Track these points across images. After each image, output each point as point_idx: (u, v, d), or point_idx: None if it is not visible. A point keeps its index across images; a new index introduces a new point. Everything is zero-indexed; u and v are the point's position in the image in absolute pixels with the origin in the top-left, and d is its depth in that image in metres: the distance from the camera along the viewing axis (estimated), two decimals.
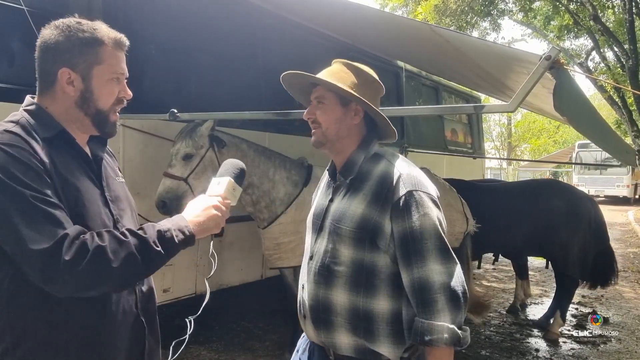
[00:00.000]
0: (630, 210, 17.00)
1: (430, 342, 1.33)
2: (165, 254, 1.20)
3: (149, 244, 1.17)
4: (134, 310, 1.35)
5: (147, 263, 1.18)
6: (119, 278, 1.16)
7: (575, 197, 4.70)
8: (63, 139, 1.28)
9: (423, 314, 1.35)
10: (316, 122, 1.54)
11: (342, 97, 1.51)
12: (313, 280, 1.51)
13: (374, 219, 1.42)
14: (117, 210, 1.34)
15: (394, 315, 1.42)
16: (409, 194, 1.40)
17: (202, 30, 3.88)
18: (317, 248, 1.54)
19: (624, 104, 12.95)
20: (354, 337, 1.43)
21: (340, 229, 1.46)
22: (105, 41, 1.29)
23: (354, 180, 1.51)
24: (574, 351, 4.36)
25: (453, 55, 3.43)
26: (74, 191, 1.23)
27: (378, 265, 1.42)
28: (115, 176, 1.44)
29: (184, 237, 1.23)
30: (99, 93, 1.29)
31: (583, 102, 2.06)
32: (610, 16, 14.56)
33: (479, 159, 9.09)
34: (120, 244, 1.14)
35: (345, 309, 1.43)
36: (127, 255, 1.14)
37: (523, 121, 33.08)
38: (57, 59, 1.26)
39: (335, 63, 1.60)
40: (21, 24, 2.64)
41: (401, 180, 1.43)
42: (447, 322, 1.33)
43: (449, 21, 13.07)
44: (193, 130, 3.17)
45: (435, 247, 1.39)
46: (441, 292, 1.34)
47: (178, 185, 3.07)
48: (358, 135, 1.57)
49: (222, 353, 3.99)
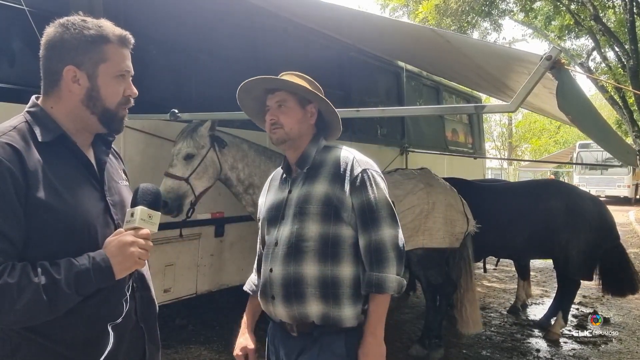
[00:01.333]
0: (631, 210, 16.98)
1: (385, 290, 1.60)
2: (78, 295, 1.16)
3: (59, 286, 1.12)
4: (133, 316, 1.34)
5: (54, 305, 1.13)
6: (20, 318, 1.12)
7: (575, 197, 4.63)
8: (63, 143, 1.26)
9: (377, 268, 1.61)
10: (278, 124, 1.72)
11: (301, 99, 1.73)
12: (282, 262, 1.66)
13: (337, 195, 1.65)
14: (118, 214, 1.32)
15: (355, 278, 1.65)
16: (364, 172, 1.66)
17: (203, 30, 3.89)
18: (281, 234, 1.70)
19: (625, 104, 12.94)
20: (324, 304, 1.62)
21: (307, 209, 1.65)
22: (110, 38, 1.28)
23: (310, 169, 1.73)
24: (575, 351, 4.36)
25: (454, 55, 3.43)
26: (70, 198, 1.21)
27: (342, 236, 1.65)
28: (119, 180, 1.42)
29: (103, 278, 1.18)
30: (105, 91, 1.28)
31: (584, 102, 2.07)
32: (611, 16, 14.54)
33: (480, 159, 9.09)
34: (29, 283, 1.09)
35: (316, 278, 1.62)
36: (32, 298, 1.09)
37: (524, 121, 33.08)
38: (63, 57, 1.25)
39: (285, 75, 1.79)
40: (22, 24, 2.64)
41: (355, 161, 1.69)
42: (395, 273, 1.62)
43: (450, 21, 13.06)
44: (194, 130, 3.17)
45: (387, 215, 1.65)
46: (392, 250, 1.63)
47: (179, 185, 3.07)
48: (312, 132, 1.79)
49: (222, 353, 3.99)
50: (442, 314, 4.10)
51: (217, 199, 3.72)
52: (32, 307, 1.10)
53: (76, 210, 1.22)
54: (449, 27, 12.73)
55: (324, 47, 4.87)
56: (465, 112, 8.56)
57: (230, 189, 3.45)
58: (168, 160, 3.20)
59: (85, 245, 1.21)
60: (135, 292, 1.36)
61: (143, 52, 3.37)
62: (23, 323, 1.15)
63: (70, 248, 1.18)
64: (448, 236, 3.83)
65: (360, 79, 5.56)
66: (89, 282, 1.16)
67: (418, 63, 5.96)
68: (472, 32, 14.33)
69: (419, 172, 4.09)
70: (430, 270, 3.96)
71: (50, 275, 1.12)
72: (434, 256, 3.88)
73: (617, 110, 13.37)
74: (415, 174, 4.04)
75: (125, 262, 1.20)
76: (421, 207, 3.76)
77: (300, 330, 1.66)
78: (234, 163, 3.35)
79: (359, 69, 5.49)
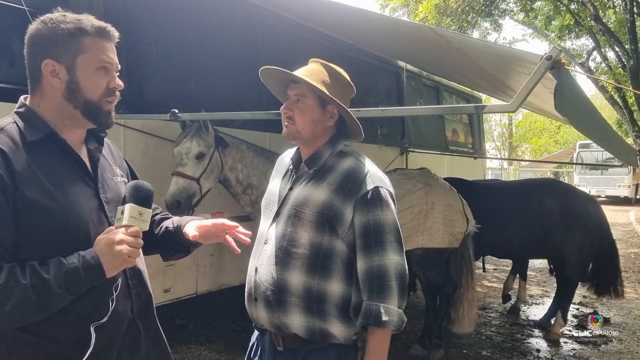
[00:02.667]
0: (631, 210, 16.97)
1: (384, 323, 1.43)
2: (69, 294, 1.15)
3: (48, 286, 1.11)
4: (129, 314, 1.33)
5: (44, 306, 1.13)
6: (10, 319, 1.12)
7: (571, 196, 4.61)
8: (52, 141, 1.26)
9: (377, 298, 1.46)
10: (291, 119, 1.60)
11: (322, 98, 1.58)
12: (268, 263, 1.56)
13: (336, 206, 1.51)
14: (112, 211, 1.31)
15: (344, 299, 1.52)
16: (375, 190, 1.52)
17: (203, 30, 3.89)
18: (272, 232, 1.60)
19: (625, 104, 12.93)
20: (307, 317, 1.50)
21: (302, 213, 1.54)
22: (88, 30, 1.26)
23: (317, 171, 1.60)
24: (575, 351, 4.36)
25: (454, 55, 3.43)
26: (61, 197, 1.21)
27: (335, 249, 1.52)
28: (113, 176, 1.41)
29: (93, 277, 1.17)
30: (85, 83, 1.26)
31: (584, 102, 2.06)
32: (611, 16, 14.53)
33: (480, 159, 9.08)
34: (16, 285, 1.09)
35: (300, 289, 1.50)
36: (21, 299, 1.09)
37: (524, 121, 33.06)
38: (41, 52, 1.24)
39: (314, 62, 1.66)
40: (22, 24, 2.64)
41: (369, 176, 1.55)
42: (397, 305, 1.46)
43: (450, 21, 13.05)
44: (201, 130, 3.15)
45: (395, 240, 1.51)
46: (395, 279, 1.47)
47: (190, 185, 3.05)
48: (329, 134, 1.66)
49: (222, 353, 3.99)
50: (442, 314, 4.09)
51: (217, 199, 3.72)
52: (21, 308, 1.10)
53: (69, 209, 1.22)
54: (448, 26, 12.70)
55: (324, 47, 4.87)
56: (465, 112, 8.56)
57: (229, 189, 3.45)
58: (168, 160, 3.20)
59: (78, 244, 1.20)
60: (132, 290, 1.35)
61: (143, 52, 3.37)
62: (14, 324, 1.15)
63: (64, 247, 1.18)
64: (447, 236, 3.83)
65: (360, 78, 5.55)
66: (79, 280, 1.15)
67: (418, 63, 5.96)
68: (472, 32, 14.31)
69: (418, 172, 4.08)
70: (430, 270, 3.96)
71: (38, 275, 1.12)
72: (433, 256, 3.88)
73: (617, 110, 13.37)
74: (415, 173, 4.04)
75: (114, 260, 1.18)
76: (420, 207, 3.75)
77: (286, 346, 1.55)
78: (233, 164, 3.35)
79: (358, 69, 5.50)
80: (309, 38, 4.72)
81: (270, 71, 1.65)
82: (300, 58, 1.79)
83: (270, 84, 1.73)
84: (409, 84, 6.70)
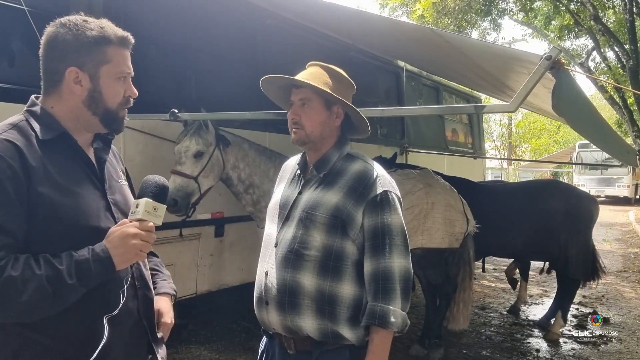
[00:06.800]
0: (631, 210, 16.98)
1: (387, 324, 1.47)
2: (81, 286, 1.16)
3: (62, 277, 1.12)
4: (135, 314, 1.34)
5: (59, 296, 1.13)
6: (26, 311, 1.12)
7: (574, 197, 4.65)
8: (64, 141, 1.27)
9: (382, 299, 1.49)
10: (299, 124, 1.61)
11: (327, 100, 1.60)
12: (280, 266, 1.57)
13: (348, 209, 1.54)
14: (119, 213, 1.33)
15: (356, 300, 1.54)
16: (384, 193, 1.56)
17: (203, 30, 3.89)
18: (283, 236, 1.61)
19: (625, 104, 12.94)
20: (319, 319, 1.52)
21: (314, 216, 1.55)
22: (112, 40, 1.28)
23: (327, 175, 1.62)
24: (575, 351, 4.36)
25: (454, 55, 3.43)
26: (72, 195, 1.22)
27: (345, 251, 1.54)
28: (118, 179, 1.42)
29: (103, 269, 1.17)
30: (107, 92, 1.28)
31: (583, 102, 2.07)
32: (611, 16, 14.54)
33: (480, 159, 9.09)
34: (32, 275, 1.10)
35: (312, 291, 1.52)
36: (36, 289, 1.10)
37: (524, 121, 33.05)
38: (65, 57, 1.24)
39: (313, 66, 1.68)
40: (22, 24, 2.64)
41: (378, 179, 1.58)
42: (400, 308, 1.50)
43: (448, 20, 13.05)
44: (201, 128, 3.16)
45: (402, 243, 1.56)
46: (400, 282, 1.51)
47: (188, 184, 3.06)
48: (336, 134, 1.68)
49: (222, 353, 3.99)
50: (442, 314, 4.10)
51: (217, 199, 3.72)
52: (36, 299, 1.11)
53: (79, 207, 1.23)
54: (447, 26, 12.70)
55: (324, 47, 4.87)
56: (465, 112, 8.57)
57: (230, 188, 3.45)
58: (168, 160, 3.20)
59: (88, 242, 1.21)
60: (138, 290, 1.36)
61: (143, 52, 3.36)
62: (29, 316, 1.15)
63: (73, 245, 1.19)
64: (447, 236, 3.83)
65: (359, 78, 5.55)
66: (89, 272, 1.16)
67: (418, 63, 5.96)
68: (471, 32, 14.31)
69: (418, 172, 4.08)
70: (430, 270, 3.96)
71: (52, 265, 1.13)
72: (433, 256, 3.88)
73: (617, 110, 13.38)
74: (415, 173, 4.04)
75: (127, 253, 1.20)
76: (420, 207, 3.75)
77: (298, 349, 1.55)
78: (235, 162, 3.35)
79: (358, 69, 5.50)
80: (308, 38, 4.72)
81: (271, 79, 1.67)
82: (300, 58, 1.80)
83: (269, 91, 1.75)
84: (408, 83, 6.70)
